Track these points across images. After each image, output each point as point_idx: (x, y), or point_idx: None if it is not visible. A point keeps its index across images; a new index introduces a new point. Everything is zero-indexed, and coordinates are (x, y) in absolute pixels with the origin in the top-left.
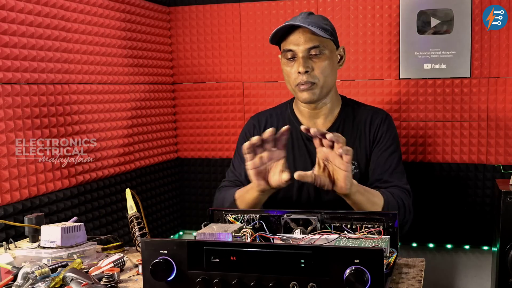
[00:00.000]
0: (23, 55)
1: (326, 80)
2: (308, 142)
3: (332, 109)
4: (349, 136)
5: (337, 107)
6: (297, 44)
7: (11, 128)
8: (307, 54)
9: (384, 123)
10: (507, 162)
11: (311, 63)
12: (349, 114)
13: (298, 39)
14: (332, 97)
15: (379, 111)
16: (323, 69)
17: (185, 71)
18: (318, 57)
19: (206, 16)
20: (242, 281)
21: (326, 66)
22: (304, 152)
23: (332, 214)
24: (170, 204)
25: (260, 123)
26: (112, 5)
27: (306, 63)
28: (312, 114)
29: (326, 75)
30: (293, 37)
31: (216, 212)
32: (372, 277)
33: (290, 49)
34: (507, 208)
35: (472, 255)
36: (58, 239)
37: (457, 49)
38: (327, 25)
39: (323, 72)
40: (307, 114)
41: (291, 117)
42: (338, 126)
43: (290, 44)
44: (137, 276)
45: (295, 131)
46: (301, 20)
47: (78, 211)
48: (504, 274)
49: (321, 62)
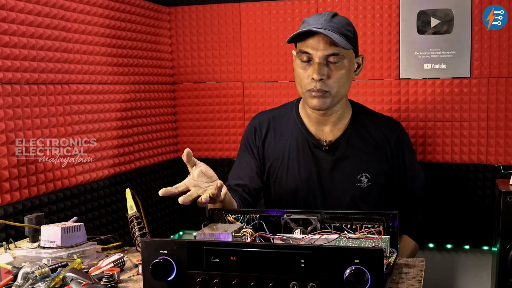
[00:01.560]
0: (23, 55)
1: (339, 90)
2: (315, 150)
3: (342, 117)
4: (362, 146)
5: (348, 114)
6: (316, 49)
7: (11, 128)
8: (324, 60)
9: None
10: (507, 162)
11: (327, 70)
12: (361, 123)
13: (317, 44)
14: (342, 104)
15: (393, 123)
16: (338, 78)
17: (185, 71)
18: (336, 65)
19: (206, 16)
20: (242, 281)
21: (342, 75)
22: (309, 159)
23: (332, 214)
24: (170, 204)
25: (261, 126)
26: (112, 5)
27: (322, 71)
28: (320, 120)
29: (341, 84)
30: (312, 40)
31: (216, 212)
32: (372, 277)
33: (307, 52)
34: (507, 208)
35: (472, 255)
36: (58, 239)
37: (457, 49)
38: (350, 32)
39: (338, 81)
40: (315, 119)
41: (297, 122)
42: (350, 135)
43: (308, 47)
44: (137, 276)
45: (301, 137)
46: (324, 23)
47: (78, 211)
48: (504, 274)
49: (337, 71)
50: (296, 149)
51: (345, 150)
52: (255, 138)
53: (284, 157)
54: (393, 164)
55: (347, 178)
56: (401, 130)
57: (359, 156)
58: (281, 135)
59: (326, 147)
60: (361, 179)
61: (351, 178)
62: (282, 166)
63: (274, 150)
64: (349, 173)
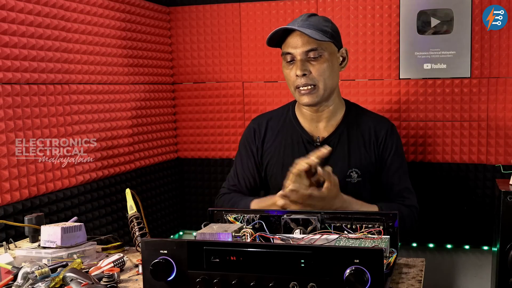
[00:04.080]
0: (23, 55)
1: (326, 83)
2: (309, 146)
3: (335, 113)
4: (353, 142)
5: (341, 111)
6: (295, 47)
7: (11, 128)
8: (305, 57)
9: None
10: (507, 162)
11: (309, 66)
12: (353, 120)
13: (296, 42)
14: (334, 100)
15: (383, 120)
16: (322, 71)
17: (185, 71)
18: (317, 59)
19: (206, 16)
20: (242, 281)
21: (325, 68)
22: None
23: (332, 214)
24: (170, 204)
25: (260, 127)
26: (112, 5)
27: (304, 66)
28: (314, 117)
29: (326, 77)
30: (291, 39)
31: (216, 212)
32: (372, 277)
33: (288, 52)
34: (507, 208)
35: (472, 255)
36: (58, 239)
37: (457, 49)
38: (327, 27)
39: (322, 74)
40: (309, 117)
41: (292, 121)
42: (342, 132)
43: (288, 47)
44: (137, 276)
45: (296, 134)
46: (299, 22)
47: (78, 211)
48: (504, 274)
49: (319, 65)
50: (290, 146)
51: (336, 146)
52: (254, 138)
53: (280, 154)
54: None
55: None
56: (391, 126)
57: (349, 152)
58: (277, 133)
59: (318, 143)
60: (351, 174)
61: (341, 174)
62: (278, 162)
63: (271, 148)
64: (340, 169)
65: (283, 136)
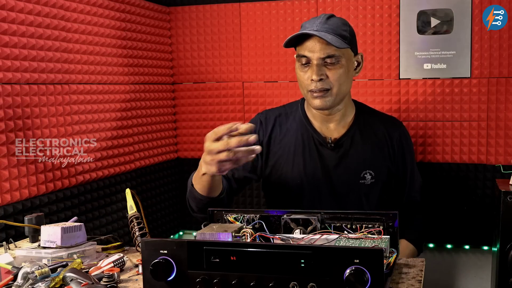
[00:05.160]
0: (23, 55)
1: (340, 88)
2: (321, 147)
3: (346, 115)
4: (366, 144)
5: (351, 113)
6: (312, 51)
7: (11, 128)
8: (322, 62)
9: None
10: (507, 162)
11: (325, 70)
12: (365, 121)
13: (313, 46)
14: (345, 103)
15: (394, 122)
16: (338, 77)
17: (185, 71)
18: (334, 65)
19: (206, 16)
20: (242, 281)
21: (341, 74)
22: (315, 156)
23: (332, 214)
24: (170, 204)
25: (267, 121)
26: (112, 5)
27: (320, 71)
28: (325, 118)
29: (341, 83)
30: (309, 43)
31: (216, 212)
32: (372, 277)
33: (304, 55)
34: (507, 208)
35: (472, 255)
36: (58, 239)
37: (457, 49)
38: (346, 31)
39: (338, 80)
40: (320, 118)
41: (303, 120)
42: (354, 133)
43: (305, 50)
44: (137, 276)
45: (307, 134)
46: (318, 25)
47: (78, 211)
48: (504, 274)
49: (336, 70)
50: (301, 146)
51: (349, 148)
52: (258, 131)
53: (290, 153)
54: (395, 162)
55: (352, 175)
56: (403, 129)
57: (363, 153)
58: (286, 131)
59: (332, 145)
60: (365, 176)
61: (355, 175)
62: (288, 161)
63: (280, 146)
64: (354, 170)
65: (293, 135)
